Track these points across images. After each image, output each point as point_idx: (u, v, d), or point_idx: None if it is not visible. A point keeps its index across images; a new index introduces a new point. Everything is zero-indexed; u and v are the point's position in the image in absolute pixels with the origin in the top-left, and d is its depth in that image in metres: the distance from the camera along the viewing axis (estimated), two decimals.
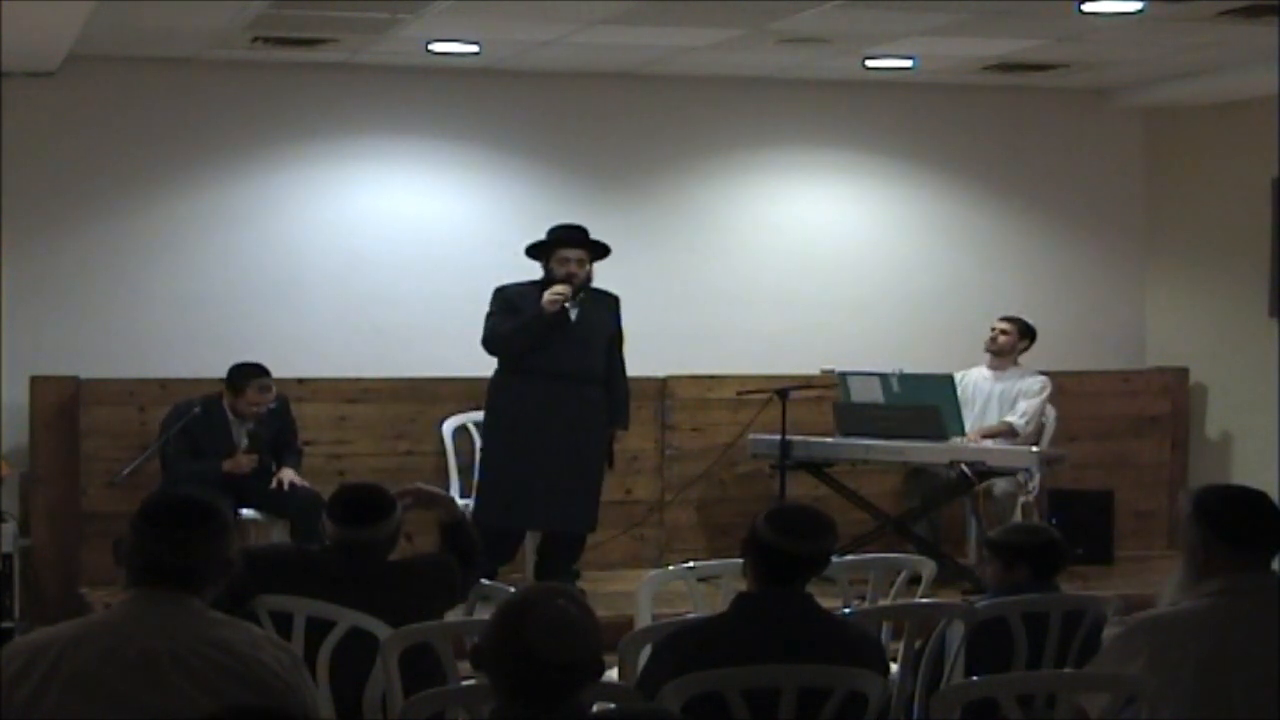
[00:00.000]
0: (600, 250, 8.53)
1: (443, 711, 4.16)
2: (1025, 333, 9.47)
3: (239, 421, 8.47)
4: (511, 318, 8.39)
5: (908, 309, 10.32)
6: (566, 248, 8.41)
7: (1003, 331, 9.45)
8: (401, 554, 5.41)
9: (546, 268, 8.43)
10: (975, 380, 9.43)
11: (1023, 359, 9.50)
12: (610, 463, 8.71)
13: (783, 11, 7.94)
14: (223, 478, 8.30)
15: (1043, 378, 9.40)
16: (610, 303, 8.65)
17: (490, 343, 8.47)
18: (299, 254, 9.59)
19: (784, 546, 4.41)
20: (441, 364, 9.27)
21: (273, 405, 8.49)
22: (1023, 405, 9.29)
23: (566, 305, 8.32)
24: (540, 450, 8.36)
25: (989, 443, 9.10)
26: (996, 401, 9.37)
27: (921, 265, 10.41)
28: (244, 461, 8.39)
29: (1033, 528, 5.88)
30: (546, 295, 8.28)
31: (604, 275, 9.23)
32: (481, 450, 8.79)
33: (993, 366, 9.46)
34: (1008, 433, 9.21)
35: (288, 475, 8.48)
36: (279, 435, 8.64)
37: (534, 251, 8.49)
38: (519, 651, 3.23)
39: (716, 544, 9.39)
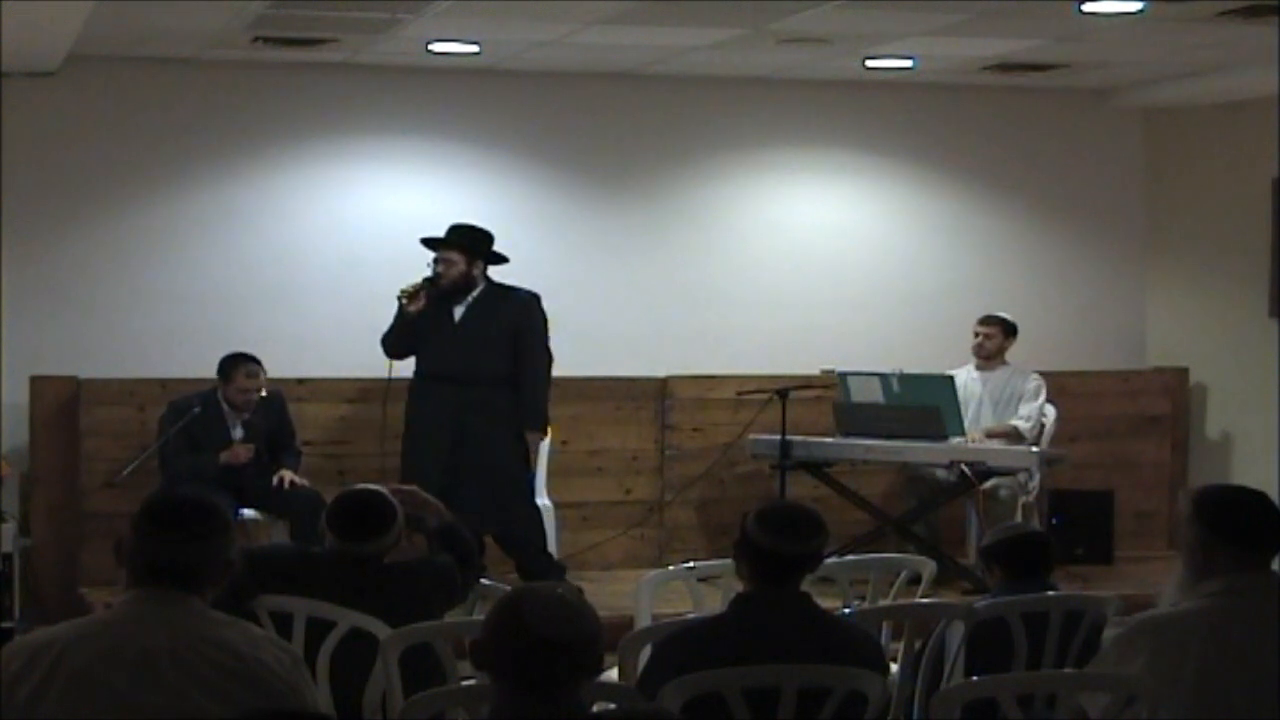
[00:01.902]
0: (489, 254, 8.52)
1: (443, 711, 4.16)
2: (1009, 331, 9.47)
3: (234, 413, 8.50)
4: None
5: (908, 309, 10.32)
6: (439, 247, 8.51)
7: (987, 336, 9.43)
8: (401, 555, 5.40)
9: None
10: (964, 381, 9.40)
11: (1013, 357, 9.50)
12: (527, 462, 8.66)
13: (783, 11, 7.94)
14: (220, 471, 8.34)
15: (1037, 377, 9.39)
16: (520, 301, 8.57)
17: (381, 344, 8.62)
18: (299, 254, 9.59)
19: (776, 548, 4.41)
20: None
21: (263, 393, 8.52)
22: (1025, 409, 9.27)
23: (404, 304, 8.36)
24: (434, 453, 8.39)
25: (990, 442, 9.09)
26: (989, 402, 9.36)
27: (921, 265, 10.40)
28: (241, 452, 8.42)
29: (1009, 527, 5.87)
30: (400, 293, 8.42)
31: (605, 274, 9.26)
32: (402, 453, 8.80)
33: (981, 367, 9.46)
34: (1012, 436, 9.20)
35: (288, 475, 8.51)
36: (276, 432, 8.66)
37: (430, 245, 8.58)
38: (518, 633, 3.24)
39: (716, 544, 9.38)
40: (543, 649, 3.24)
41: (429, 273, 8.54)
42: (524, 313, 8.56)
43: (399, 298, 8.44)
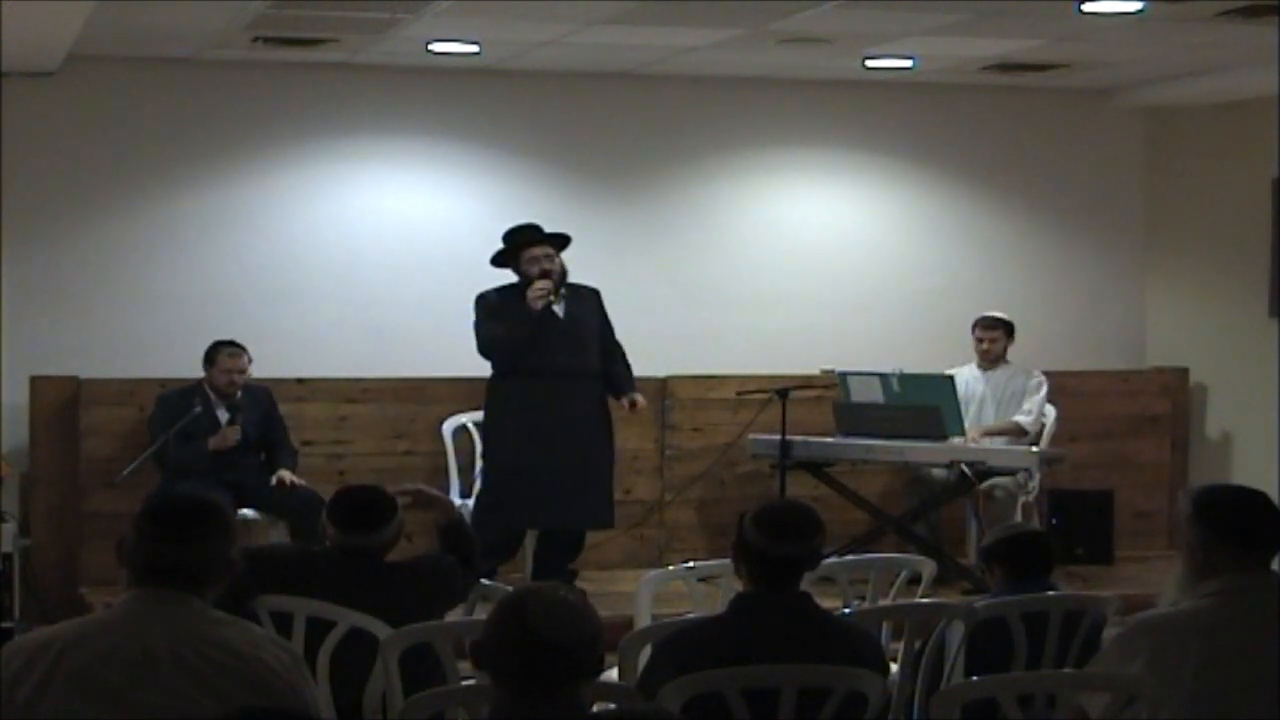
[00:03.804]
0: (562, 242, 8.53)
1: (443, 711, 4.16)
2: (1010, 332, 9.48)
3: (220, 400, 8.54)
4: (499, 322, 8.41)
5: (908, 309, 10.32)
6: (531, 247, 8.43)
7: (992, 341, 9.43)
8: (401, 554, 5.41)
9: (518, 271, 8.46)
10: (966, 379, 9.41)
11: (1014, 356, 9.51)
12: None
13: (783, 11, 7.94)
14: (213, 459, 8.38)
15: (1039, 374, 9.40)
16: (592, 295, 8.65)
17: (487, 349, 8.51)
18: (299, 254, 9.59)
19: (773, 550, 4.41)
20: (441, 364, 9.27)
21: (246, 374, 8.54)
22: (1027, 404, 9.28)
23: (551, 300, 8.33)
24: (547, 450, 8.36)
25: (989, 442, 9.09)
26: (991, 401, 9.37)
27: (921, 265, 10.41)
28: (229, 435, 8.45)
29: (1010, 528, 5.88)
30: (530, 293, 8.30)
31: (604, 274, 9.24)
32: (485, 454, 8.78)
33: (984, 367, 9.47)
34: (1015, 431, 9.21)
35: (286, 476, 8.52)
36: (267, 428, 8.67)
37: (500, 259, 8.51)
38: (520, 635, 3.24)
39: (716, 544, 9.37)
40: (545, 650, 3.24)
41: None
42: (601, 306, 8.64)
43: (545, 295, 8.29)
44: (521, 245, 8.46)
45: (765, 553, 4.41)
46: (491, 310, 8.46)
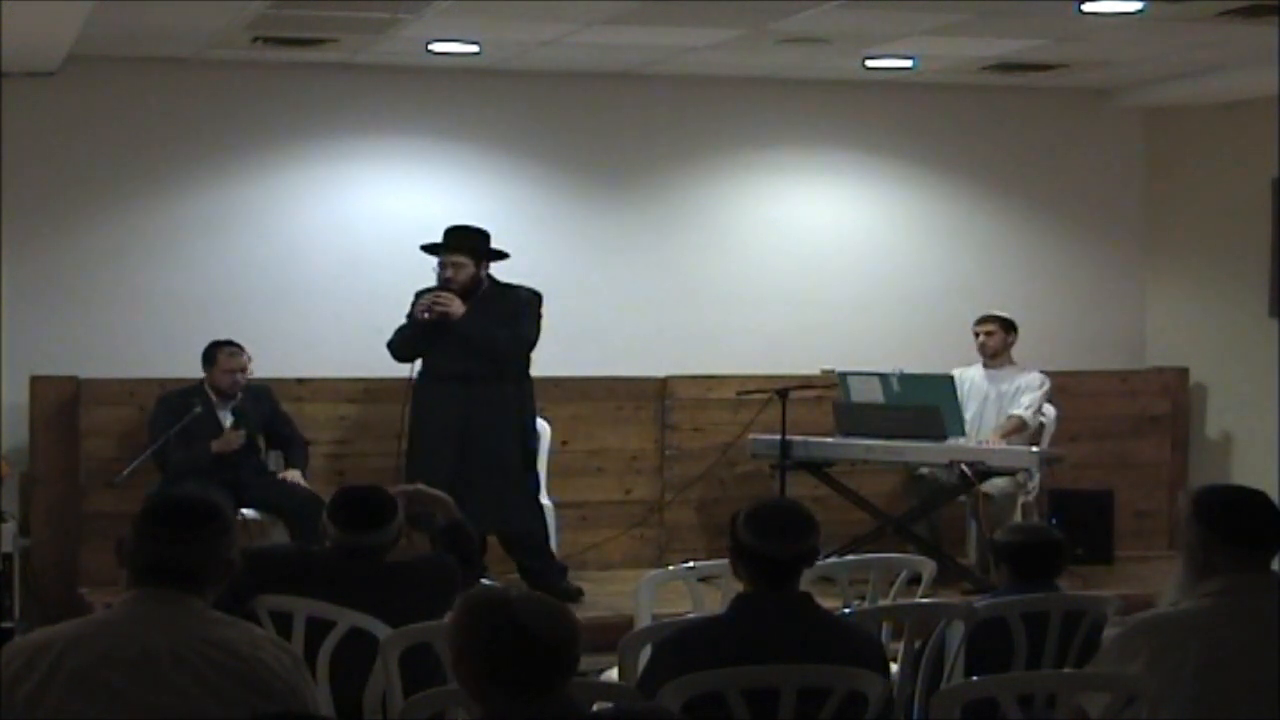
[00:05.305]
0: (492, 252, 8.49)
1: (443, 711, 4.16)
2: (1008, 328, 9.48)
3: (222, 401, 8.53)
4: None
5: (908, 309, 10.32)
6: (444, 252, 8.46)
7: (988, 334, 9.44)
8: (401, 555, 5.41)
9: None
10: (973, 379, 9.43)
11: (1018, 355, 9.50)
12: (534, 461, 8.61)
13: (783, 11, 7.95)
14: (215, 461, 8.36)
15: (1040, 375, 9.40)
16: (518, 297, 8.49)
17: (388, 347, 8.56)
18: (299, 254, 9.59)
19: (768, 551, 4.40)
20: None
21: (247, 373, 8.54)
22: (1026, 398, 9.28)
23: (427, 318, 8.31)
24: (443, 451, 8.36)
25: (1000, 442, 9.07)
26: (994, 401, 9.37)
27: (921, 265, 10.40)
28: (232, 439, 8.44)
29: (1025, 529, 5.87)
30: (417, 306, 8.37)
31: (605, 274, 9.25)
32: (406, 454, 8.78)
33: (989, 365, 9.47)
34: (1018, 427, 9.20)
35: (294, 475, 8.52)
36: (272, 425, 8.67)
37: (431, 250, 8.53)
38: (515, 635, 3.23)
39: (716, 544, 9.37)
40: (540, 650, 3.23)
41: (433, 277, 8.51)
42: (520, 306, 8.48)
43: (423, 313, 8.35)
44: (438, 247, 8.49)
45: (760, 553, 4.41)
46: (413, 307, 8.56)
